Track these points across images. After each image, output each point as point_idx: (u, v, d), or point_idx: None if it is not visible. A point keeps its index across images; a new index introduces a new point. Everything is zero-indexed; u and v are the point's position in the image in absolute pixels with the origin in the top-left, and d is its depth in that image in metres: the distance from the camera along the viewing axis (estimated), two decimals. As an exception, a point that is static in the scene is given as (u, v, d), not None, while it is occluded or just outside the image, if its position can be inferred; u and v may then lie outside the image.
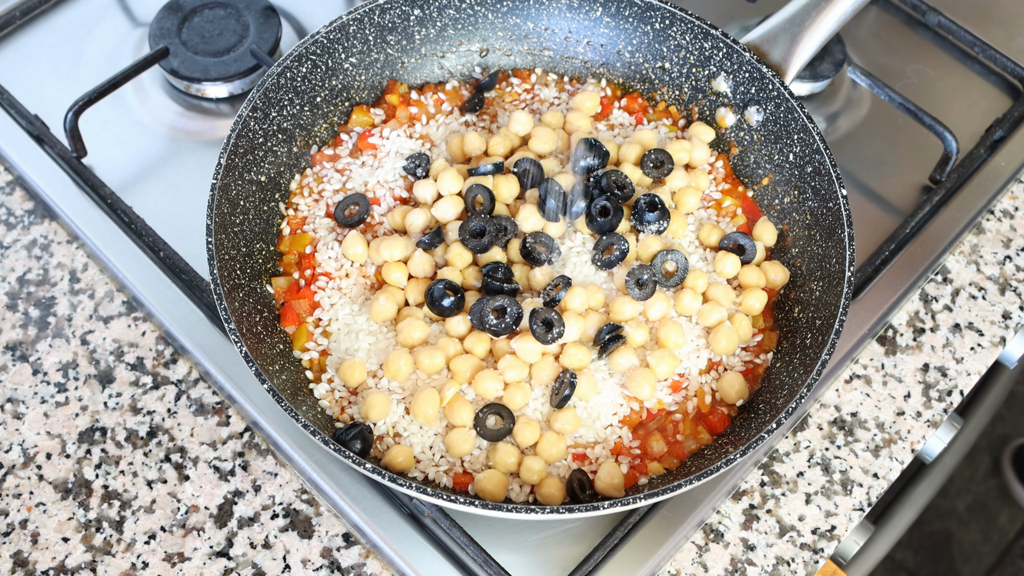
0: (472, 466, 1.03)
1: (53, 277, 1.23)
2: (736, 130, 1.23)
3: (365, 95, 1.26)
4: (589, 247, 1.15)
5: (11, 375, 1.16)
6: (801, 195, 1.16)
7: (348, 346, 1.10)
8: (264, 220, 1.15)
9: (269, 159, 1.16)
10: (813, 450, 1.14)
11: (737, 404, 1.08)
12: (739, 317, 1.11)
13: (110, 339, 1.19)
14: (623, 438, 1.05)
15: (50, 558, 1.06)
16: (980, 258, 1.28)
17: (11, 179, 1.30)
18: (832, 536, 1.09)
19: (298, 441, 1.09)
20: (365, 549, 1.07)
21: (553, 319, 1.05)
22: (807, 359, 1.03)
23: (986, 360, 1.21)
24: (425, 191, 1.17)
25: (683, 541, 1.07)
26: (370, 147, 1.22)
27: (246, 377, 1.13)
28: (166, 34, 1.37)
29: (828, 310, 1.04)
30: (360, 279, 1.14)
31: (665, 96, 1.28)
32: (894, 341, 1.22)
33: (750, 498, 1.11)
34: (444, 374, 1.07)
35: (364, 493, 1.07)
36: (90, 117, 1.30)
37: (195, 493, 1.10)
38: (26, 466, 1.11)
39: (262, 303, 1.10)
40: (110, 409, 1.14)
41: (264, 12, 1.40)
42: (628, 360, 1.07)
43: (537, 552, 1.06)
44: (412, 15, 1.24)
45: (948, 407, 1.17)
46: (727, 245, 1.16)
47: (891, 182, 1.32)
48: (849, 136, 1.36)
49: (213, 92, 1.36)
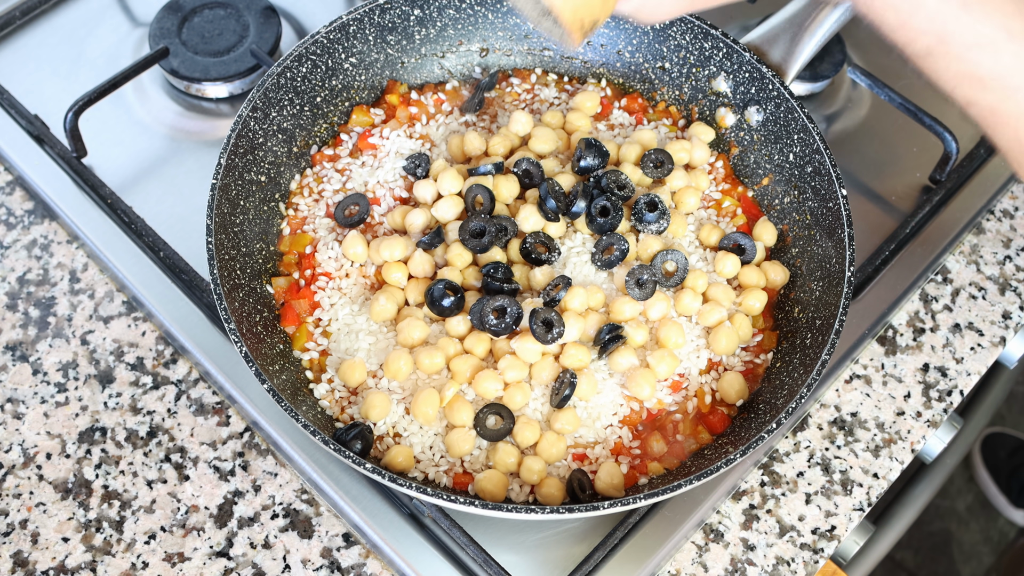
0: (472, 466, 1.03)
1: (53, 277, 1.23)
2: (736, 130, 1.23)
3: (365, 95, 1.26)
4: (589, 247, 1.15)
5: (11, 375, 1.16)
6: (801, 195, 1.16)
7: (348, 346, 1.10)
8: (264, 220, 1.15)
9: (269, 159, 1.16)
10: (813, 450, 1.14)
11: (737, 404, 1.08)
12: (739, 317, 1.11)
13: (110, 339, 1.19)
14: (623, 438, 1.05)
15: (50, 558, 1.06)
16: (980, 258, 1.28)
17: (11, 179, 1.30)
18: (832, 536, 1.09)
19: (298, 441, 1.09)
20: (365, 549, 1.07)
21: (553, 319, 1.05)
22: (807, 359, 1.03)
23: (986, 360, 1.21)
24: (425, 191, 1.17)
25: (683, 541, 1.07)
26: (370, 147, 1.22)
27: (246, 377, 1.13)
28: (166, 34, 1.37)
29: (828, 310, 1.04)
30: (360, 279, 1.14)
31: (665, 96, 1.28)
32: (894, 341, 1.22)
33: (750, 498, 1.11)
34: (444, 374, 1.07)
35: (364, 493, 1.07)
36: (90, 117, 1.30)
37: (195, 493, 1.10)
38: (26, 466, 1.11)
39: (262, 303, 1.10)
40: (110, 409, 1.14)
41: (264, 12, 1.40)
42: (628, 360, 1.07)
43: (537, 552, 1.06)
44: (412, 15, 1.24)
45: (948, 407, 1.17)
46: (727, 245, 1.16)
47: (891, 182, 1.32)
48: (849, 136, 1.36)
49: (213, 92, 1.36)
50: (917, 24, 0.78)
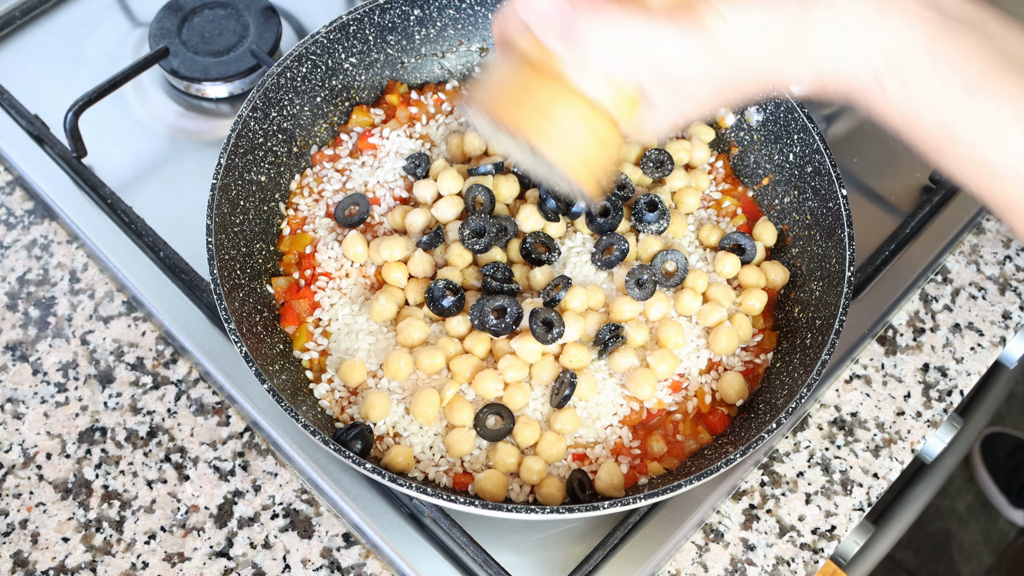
0: (472, 466, 1.03)
1: (53, 277, 1.23)
2: (736, 130, 1.23)
3: (365, 95, 1.26)
4: (589, 247, 1.15)
5: (11, 375, 1.16)
6: (801, 195, 1.16)
7: (348, 346, 1.10)
8: (264, 220, 1.15)
9: (269, 159, 1.16)
10: (813, 450, 1.14)
11: (737, 404, 1.08)
12: (739, 317, 1.11)
13: (110, 339, 1.19)
14: (623, 438, 1.05)
15: (50, 558, 1.06)
16: (980, 258, 1.28)
17: (11, 179, 1.30)
18: (832, 536, 1.09)
19: (298, 441, 1.09)
20: (365, 549, 1.07)
21: (553, 319, 1.05)
22: (807, 359, 1.03)
23: (986, 360, 1.21)
24: (425, 191, 1.17)
25: (683, 541, 1.07)
26: (370, 147, 1.22)
27: (246, 377, 1.13)
28: (166, 34, 1.37)
29: (828, 310, 1.04)
30: (360, 279, 1.14)
31: (665, 96, 1.27)
32: (894, 341, 1.22)
33: (750, 498, 1.11)
34: (444, 374, 1.07)
35: (364, 493, 1.07)
36: (90, 117, 1.30)
37: (195, 493, 1.10)
38: (26, 466, 1.11)
39: (262, 303, 1.10)
40: (110, 409, 1.14)
41: (264, 12, 1.40)
42: (628, 360, 1.07)
43: (537, 552, 1.06)
44: (412, 15, 1.24)
45: (948, 407, 1.17)
46: (727, 245, 1.16)
47: (891, 182, 1.32)
48: (849, 136, 1.36)
49: (213, 92, 1.37)
50: (923, 122, 0.75)
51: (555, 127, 0.80)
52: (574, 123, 0.80)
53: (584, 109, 0.80)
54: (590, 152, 0.82)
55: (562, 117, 0.80)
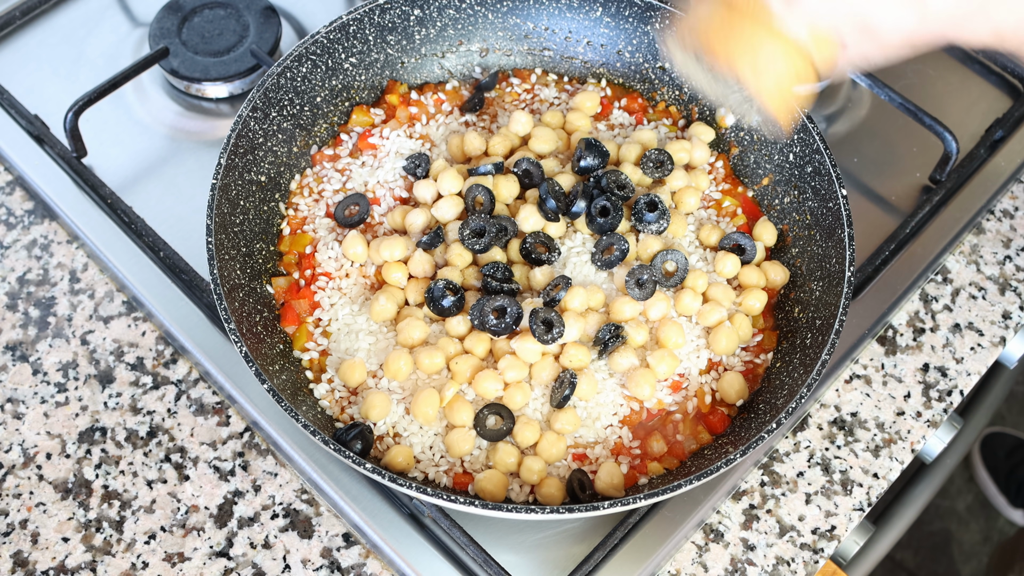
0: (472, 466, 1.03)
1: (53, 277, 1.23)
2: (736, 130, 1.23)
3: (365, 95, 1.26)
4: (589, 247, 1.15)
5: (11, 375, 1.16)
6: (801, 195, 1.16)
7: (348, 346, 1.10)
8: (264, 220, 1.15)
9: (269, 159, 1.16)
10: (813, 450, 1.14)
11: (737, 404, 1.08)
12: (739, 317, 1.11)
13: (110, 339, 1.19)
14: (623, 438, 1.05)
15: (50, 558, 1.06)
16: (980, 258, 1.28)
17: (11, 179, 1.30)
18: (832, 536, 1.09)
19: (298, 441, 1.09)
20: (365, 549, 1.07)
21: (553, 319, 1.05)
22: (807, 359, 1.03)
23: (986, 360, 1.21)
24: (425, 191, 1.17)
25: (683, 541, 1.07)
26: (370, 147, 1.22)
27: (246, 377, 1.13)
28: (166, 34, 1.37)
29: (828, 310, 1.04)
30: (360, 279, 1.14)
31: (665, 96, 1.28)
32: (894, 341, 1.22)
33: (750, 498, 1.11)
34: (444, 374, 1.07)
35: (364, 493, 1.07)
36: (90, 117, 1.30)
37: (195, 493, 1.10)
38: (26, 466, 1.11)
39: (262, 303, 1.10)
40: (110, 409, 1.14)
41: (264, 12, 1.40)
42: (628, 360, 1.07)
43: (537, 552, 1.06)
44: (412, 15, 1.24)
45: (948, 407, 1.17)
46: (727, 245, 1.16)
47: (891, 182, 1.32)
48: (849, 136, 1.36)
49: (213, 92, 1.37)
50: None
51: (761, 61, 0.90)
52: (777, 59, 0.90)
53: (785, 47, 0.89)
54: (788, 86, 0.92)
55: (767, 53, 0.90)
